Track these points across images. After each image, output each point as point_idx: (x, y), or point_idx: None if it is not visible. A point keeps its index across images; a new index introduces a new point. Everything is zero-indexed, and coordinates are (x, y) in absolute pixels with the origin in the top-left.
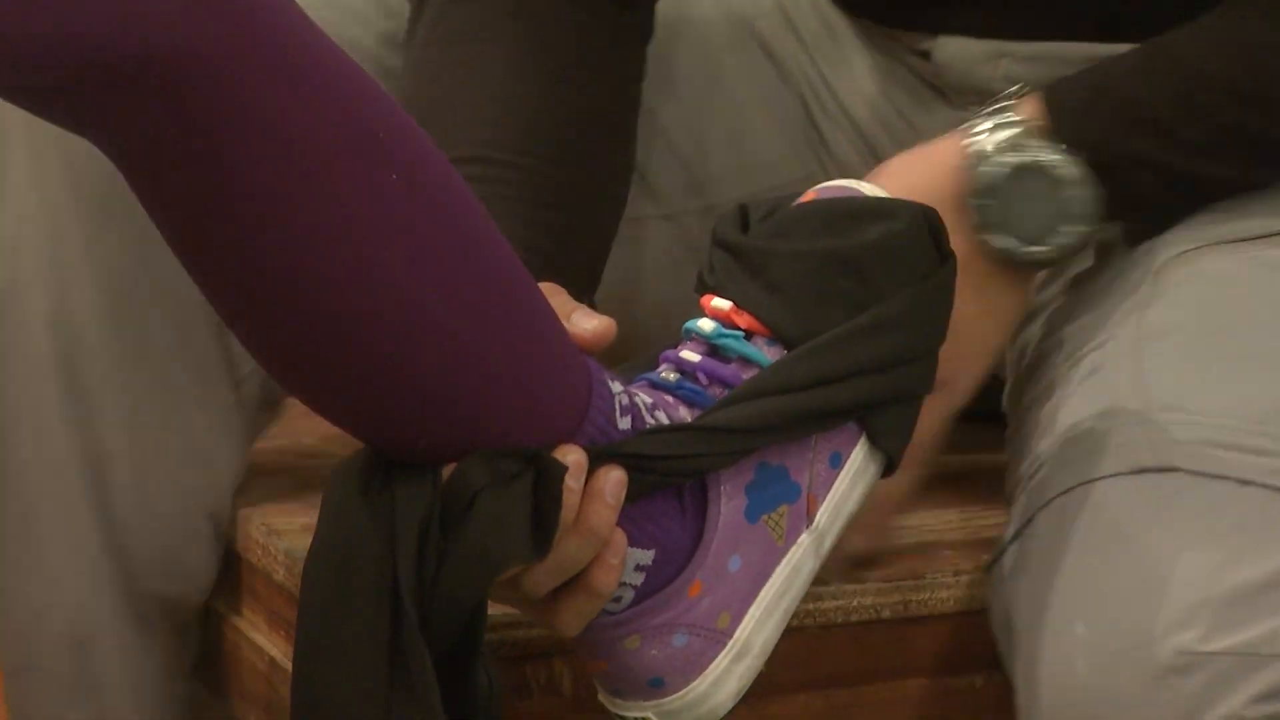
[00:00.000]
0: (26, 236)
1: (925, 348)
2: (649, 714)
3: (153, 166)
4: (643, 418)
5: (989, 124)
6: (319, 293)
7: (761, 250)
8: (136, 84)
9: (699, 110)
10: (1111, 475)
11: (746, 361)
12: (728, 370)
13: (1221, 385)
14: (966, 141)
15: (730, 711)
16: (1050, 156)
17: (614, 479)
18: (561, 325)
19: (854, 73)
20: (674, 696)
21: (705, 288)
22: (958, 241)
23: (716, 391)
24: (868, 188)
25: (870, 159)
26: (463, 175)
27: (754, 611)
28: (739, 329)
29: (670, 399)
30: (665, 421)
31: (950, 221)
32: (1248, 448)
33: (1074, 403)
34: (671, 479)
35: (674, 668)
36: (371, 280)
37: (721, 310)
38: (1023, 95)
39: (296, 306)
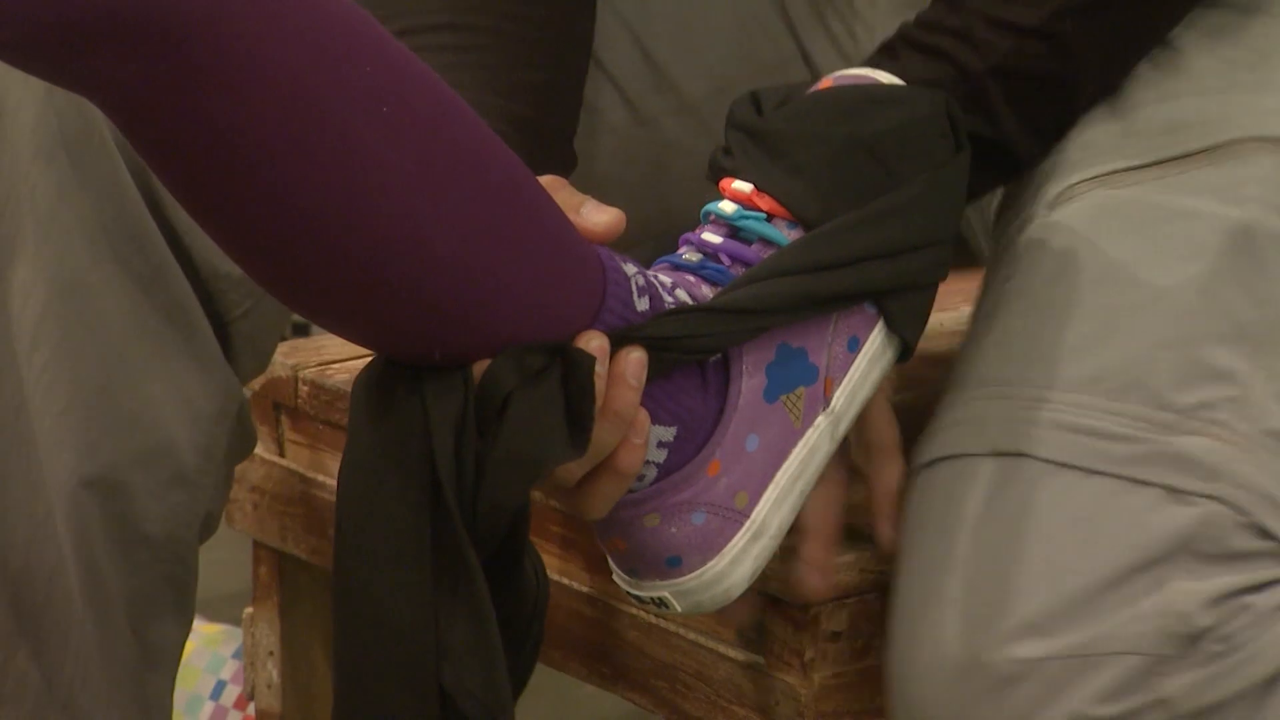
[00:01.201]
0: None
1: (939, 235)
2: (665, 593)
3: (147, 118)
4: (660, 297)
5: None
6: (323, 221)
7: (782, 133)
8: (127, 37)
9: (668, 13)
10: (966, 455)
11: (768, 243)
12: (750, 251)
13: (1079, 352)
14: None
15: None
16: None
17: (635, 360)
18: (565, 217)
19: None
20: (690, 575)
21: (722, 171)
22: None
23: (738, 272)
24: (884, 76)
25: (850, 44)
26: (433, 43)
27: (771, 492)
28: (760, 211)
29: (692, 278)
30: (687, 300)
31: None
32: (1099, 432)
33: (969, 342)
34: (691, 356)
35: (692, 546)
36: (372, 200)
37: (742, 193)
38: None
39: (300, 237)
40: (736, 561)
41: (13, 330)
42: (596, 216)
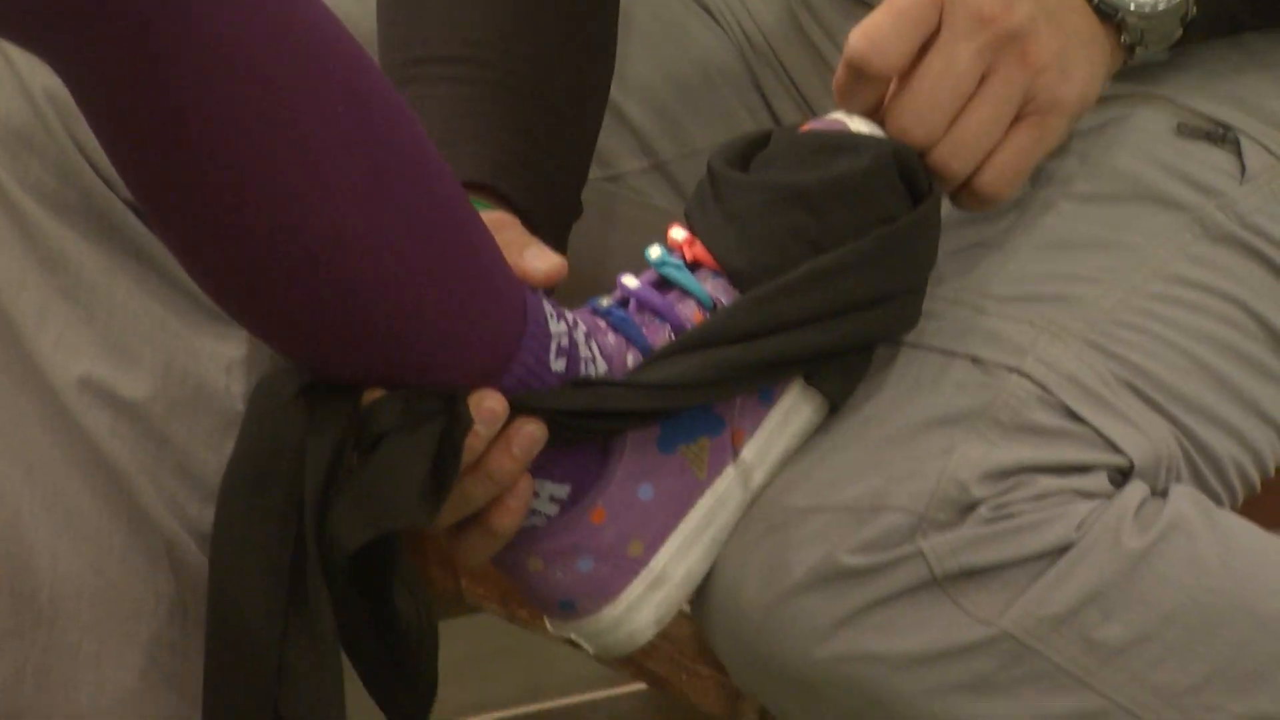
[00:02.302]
0: None
1: (893, 289)
2: (571, 634)
3: (106, 92)
4: (578, 359)
5: None
6: (257, 206)
7: (728, 180)
8: (96, 15)
9: (640, 72)
10: None
11: (685, 292)
12: (660, 300)
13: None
14: None
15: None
16: None
17: (526, 434)
18: (501, 258)
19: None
20: (586, 620)
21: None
22: None
23: (646, 319)
24: (856, 122)
25: (808, 112)
26: (440, 75)
27: (673, 542)
28: (682, 259)
29: (602, 324)
30: (596, 353)
31: None
32: (929, 314)
33: None
34: (593, 435)
35: (582, 592)
36: (311, 197)
37: (675, 239)
38: None
39: (235, 220)
40: (634, 609)
41: (17, 321)
42: (537, 262)
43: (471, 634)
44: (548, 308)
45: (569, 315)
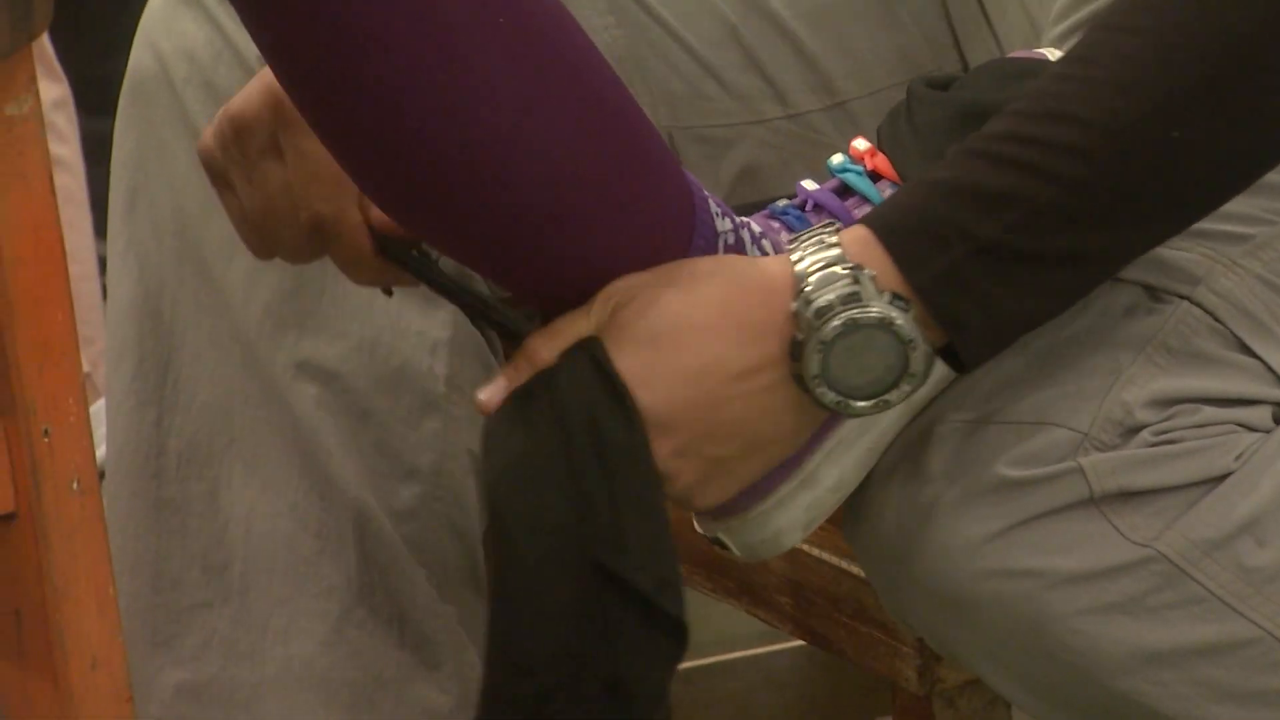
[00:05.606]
0: None
1: None
2: (719, 534)
3: (270, 11)
4: (743, 245)
5: (818, 264)
6: (427, 115)
7: (921, 97)
8: None
9: (822, 8)
10: None
11: (864, 199)
12: (836, 204)
13: None
14: (800, 288)
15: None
16: (891, 313)
17: None
18: (670, 159)
19: None
20: (735, 517)
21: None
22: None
23: (816, 220)
24: (1057, 55)
25: (995, 49)
26: None
27: (828, 443)
28: (862, 165)
29: (776, 225)
30: (770, 252)
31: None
32: None
33: None
34: None
35: None
36: (478, 99)
37: (858, 149)
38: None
39: (406, 129)
40: (783, 507)
41: (227, 294)
42: None
43: None
44: (713, 206)
45: (734, 217)
